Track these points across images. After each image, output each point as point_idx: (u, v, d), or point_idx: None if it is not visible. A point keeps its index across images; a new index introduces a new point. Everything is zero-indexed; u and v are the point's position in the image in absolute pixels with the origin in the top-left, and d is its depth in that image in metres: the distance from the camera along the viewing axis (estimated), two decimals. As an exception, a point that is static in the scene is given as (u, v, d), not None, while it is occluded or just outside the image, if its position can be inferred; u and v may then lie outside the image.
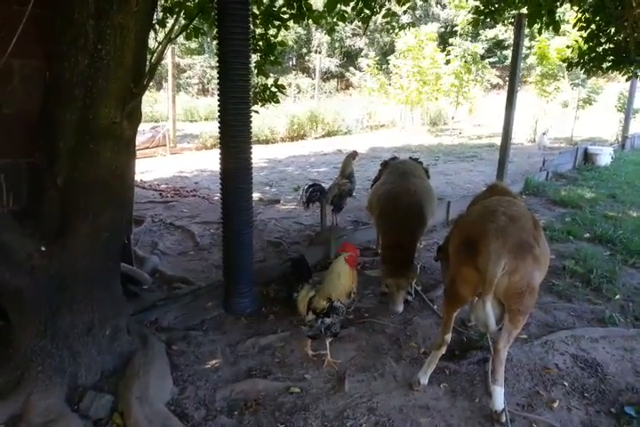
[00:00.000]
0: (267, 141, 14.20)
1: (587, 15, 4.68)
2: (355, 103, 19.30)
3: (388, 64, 18.34)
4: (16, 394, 2.36)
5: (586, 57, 4.84)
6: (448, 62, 16.32)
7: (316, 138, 15.44)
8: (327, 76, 28.11)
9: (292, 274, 3.08)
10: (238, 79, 3.15)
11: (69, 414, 2.31)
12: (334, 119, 16.60)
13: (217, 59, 3.18)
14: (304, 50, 29.56)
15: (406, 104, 16.94)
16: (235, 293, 3.54)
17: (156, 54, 2.79)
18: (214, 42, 3.46)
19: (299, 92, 23.71)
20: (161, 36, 3.23)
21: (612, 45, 4.58)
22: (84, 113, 2.36)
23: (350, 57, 28.53)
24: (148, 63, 2.69)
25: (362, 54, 27.80)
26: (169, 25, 3.78)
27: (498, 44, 27.40)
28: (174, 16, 3.81)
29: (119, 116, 2.49)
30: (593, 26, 4.66)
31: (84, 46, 2.26)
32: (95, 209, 2.55)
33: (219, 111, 3.26)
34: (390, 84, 17.59)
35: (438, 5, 28.92)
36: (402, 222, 3.66)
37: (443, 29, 27.15)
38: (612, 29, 4.57)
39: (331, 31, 5.26)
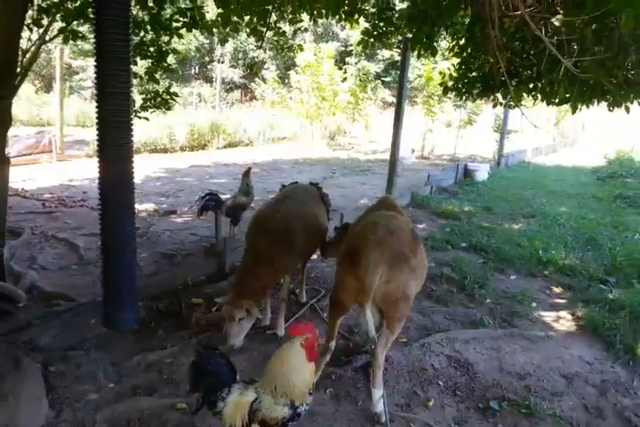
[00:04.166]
0: (165, 150, 13.75)
1: (460, 43, 5.16)
2: (257, 115, 19.36)
3: (289, 79, 18.71)
4: None
5: (460, 82, 5.31)
6: (344, 80, 17.02)
7: (218, 148, 15.24)
8: (231, 86, 27.92)
9: (209, 376, 2.04)
10: (117, 86, 3.06)
11: None
12: (236, 130, 16.52)
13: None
14: (207, 59, 29.17)
15: (306, 118, 17.34)
16: (115, 308, 3.39)
17: (28, 55, 2.66)
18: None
19: (200, 101, 23.29)
20: (36, 36, 3.06)
21: (480, 73, 5.08)
22: (-55, 118, 2.19)
23: (252, 69, 28.62)
24: (19, 64, 2.55)
25: (265, 67, 28.03)
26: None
27: (393, 65, 28.96)
28: (50, 18, 3.62)
29: (-14, 121, 2.34)
30: (465, 53, 5.13)
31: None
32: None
33: (96, 119, 3.13)
34: (291, 98, 17.93)
35: (339, 25, 30.03)
36: (260, 249, 3.26)
37: (342, 48, 28.23)
38: (482, 57, 5.07)
39: (223, 41, 5.31)
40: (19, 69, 2.57)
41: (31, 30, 3.41)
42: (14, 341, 3.05)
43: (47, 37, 3.05)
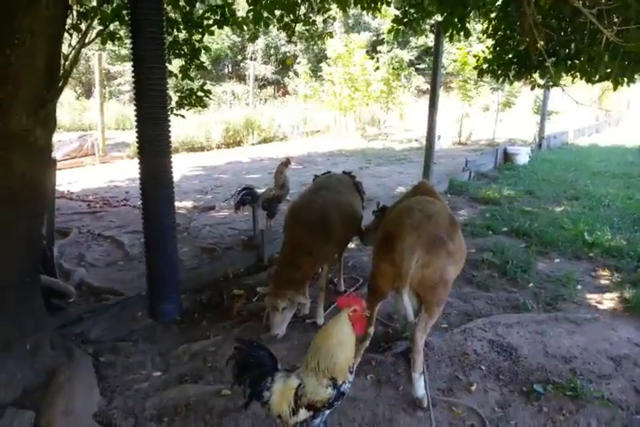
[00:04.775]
0: (202, 148, 14.00)
1: (493, 23, 5.01)
2: (291, 109, 19.42)
3: (321, 71, 18.65)
4: None
5: (495, 64, 5.16)
6: (377, 69, 16.84)
7: (253, 144, 15.40)
8: (264, 83, 28.09)
9: (252, 369, 2.02)
10: (154, 84, 3.15)
11: (-14, 433, 2.23)
12: (270, 125, 16.64)
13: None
14: (239, 57, 29.44)
15: (339, 110, 17.27)
16: (160, 299, 3.51)
17: (70, 59, 2.76)
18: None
19: (234, 99, 23.58)
20: (75, 41, 3.19)
21: (516, 54, 4.91)
22: (-7, 120, 2.31)
23: (285, 63, 28.66)
24: (61, 68, 2.65)
25: (297, 61, 28.03)
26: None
27: (426, 51, 28.34)
28: (88, 21, 3.76)
29: (31, 123, 2.45)
30: (499, 34, 4.99)
31: (-10, 51, 2.22)
32: (7, 221, 2.48)
33: (135, 117, 3.24)
34: (323, 91, 17.89)
35: (369, 15, 29.62)
36: (298, 240, 3.31)
37: (374, 38, 27.86)
38: (517, 38, 4.91)
39: (253, 38, 5.33)
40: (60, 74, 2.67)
41: (71, 35, 3.55)
42: (67, 334, 3.20)
43: (86, 41, 3.16)
